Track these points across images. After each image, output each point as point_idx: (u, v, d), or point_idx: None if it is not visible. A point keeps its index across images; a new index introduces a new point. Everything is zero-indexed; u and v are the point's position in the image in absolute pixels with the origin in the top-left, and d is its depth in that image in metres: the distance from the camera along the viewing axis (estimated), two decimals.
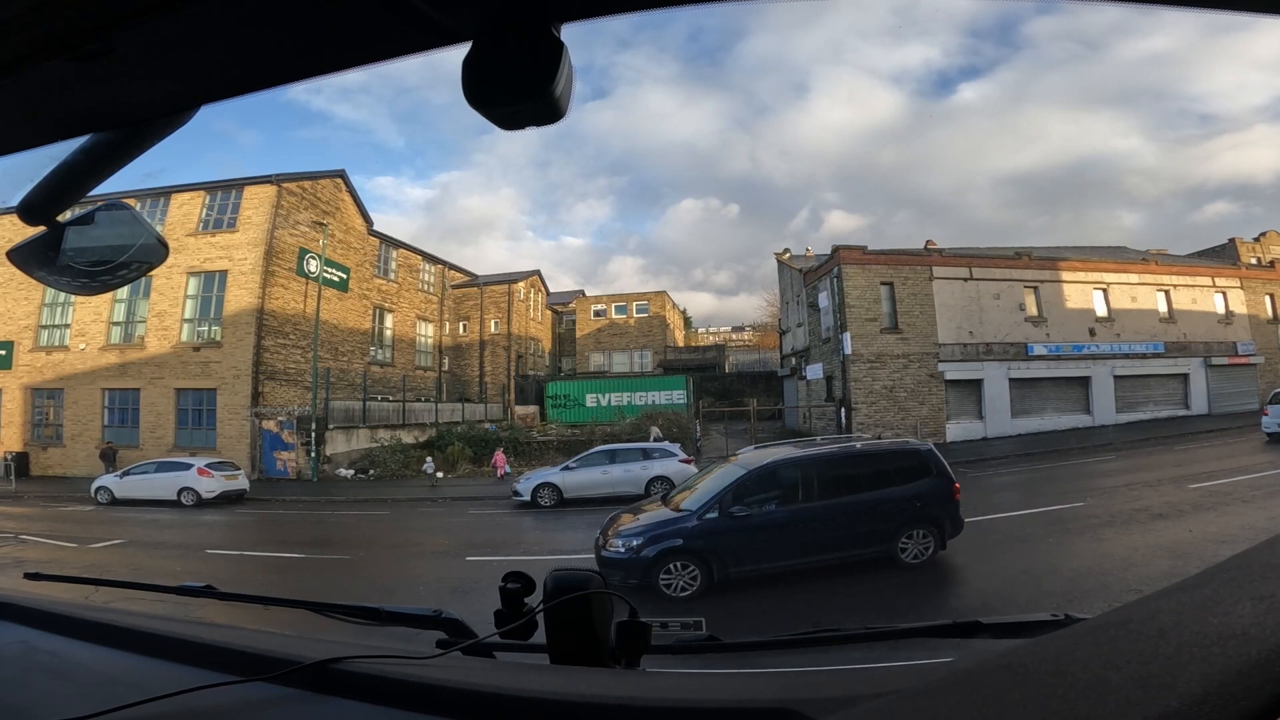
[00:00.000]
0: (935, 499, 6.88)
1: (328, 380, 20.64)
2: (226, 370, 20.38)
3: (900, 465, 7.14)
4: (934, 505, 6.87)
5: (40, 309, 22.08)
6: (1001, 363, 21.76)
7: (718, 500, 6.84)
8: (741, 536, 6.66)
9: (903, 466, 7.10)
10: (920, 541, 6.84)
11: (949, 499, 6.92)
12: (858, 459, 7.34)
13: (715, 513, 6.77)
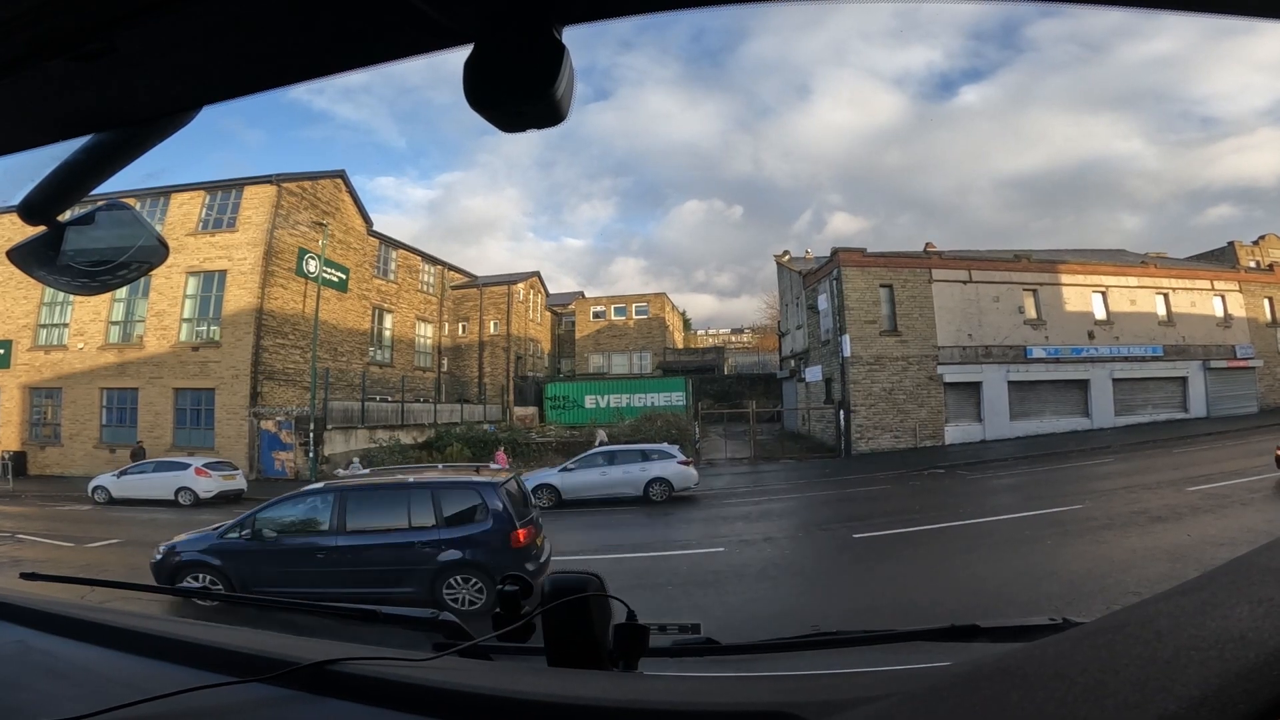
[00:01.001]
0: (483, 546, 6.17)
1: (326, 380, 20.63)
2: (225, 370, 20.36)
3: (455, 505, 6.39)
4: (481, 552, 6.15)
5: (39, 308, 22.06)
6: (1000, 365, 21.79)
7: (243, 521, 6.68)
8: (259, 559, 6.42)
9: (458, 507, 6.38)
10: (470, 589, 6.15)
11: (502, 547, 6.14)
12: (408, 492, 6.63)
13: (238, 532, 6.59)
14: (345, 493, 6.70)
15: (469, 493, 6.40)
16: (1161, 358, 23.19)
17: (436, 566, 6.16)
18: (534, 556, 6.37)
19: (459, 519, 6.31)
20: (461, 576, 6.19)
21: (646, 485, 13.39)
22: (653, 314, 39.76)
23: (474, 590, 6.15)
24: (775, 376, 32.31)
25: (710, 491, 14.57)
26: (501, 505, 6.24)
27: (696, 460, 17.58)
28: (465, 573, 6.19)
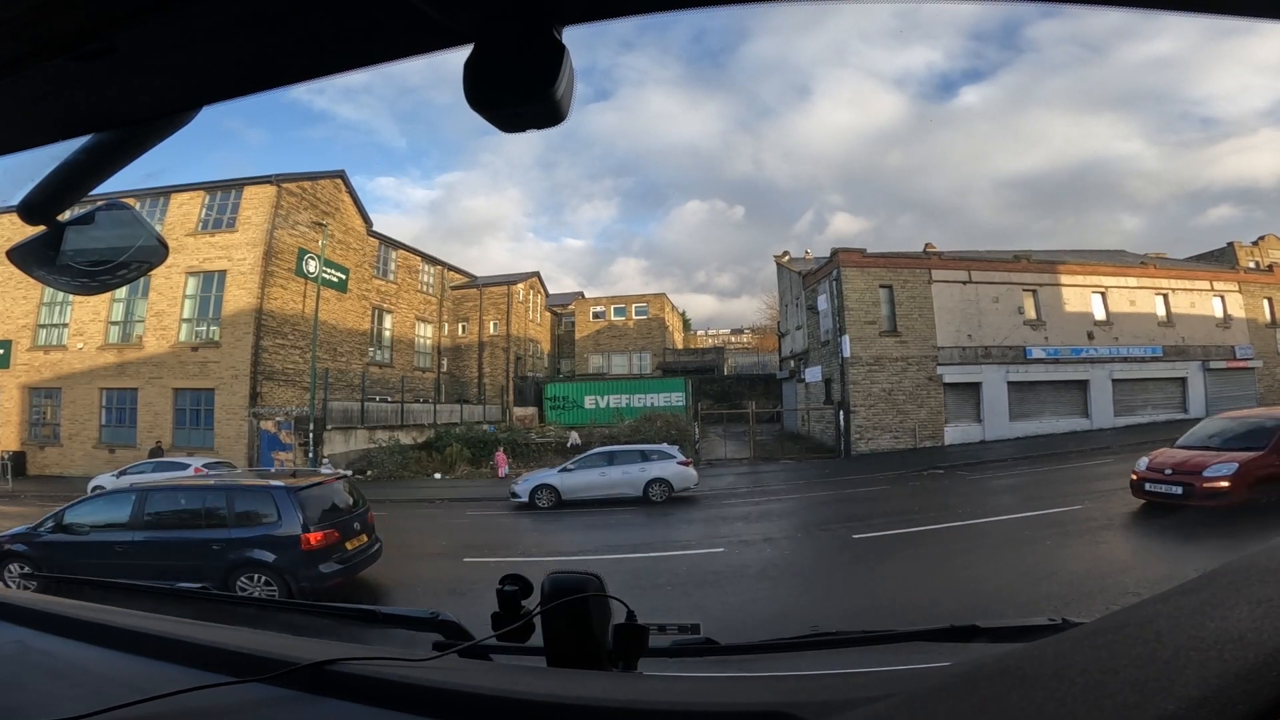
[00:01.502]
0: (272, 546, 6.49)
1: (326, 381, 20.62)
2: (225, 370, 20.36)
3: (248, 507, 6.73)
4: (270, 551, 6.48)
5: (39, 308, 22.05)
6: (1000, 366, 21.79)
7: (56, 515, 7.11)
8: (63, 550, 6.83)
9: (250, 509, 6.72)
10: (260, 586, 6.47)
11: (291, 548, 6.44)
12: (204, 493, 7.09)
13: (50, 524, 7.01)
14: (147, 492, 7.16)
15: (262, 496, 6.73)
16: (1161, 358, 23.20)
17: (228, 563, 6.48)
18: (333, 558, 6.69)
19: (251, 520, 6.67)
20: (252, 574, 6.53)
21: (646, 485, 13.39)
22: (652, 314, 39.76)
23: (265, 587, 6.52)
24: (775, 377, 32.31)
25: (710, 492, 14.57)
26: (292, 509, 6.55)
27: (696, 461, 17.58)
28: (255, 570, 6.52)
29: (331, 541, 6.68)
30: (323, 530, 6.62)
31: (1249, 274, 26.74)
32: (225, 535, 6.60)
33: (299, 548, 6.45)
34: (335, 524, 6.84)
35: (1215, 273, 25.83)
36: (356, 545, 7.07)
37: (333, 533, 6.73)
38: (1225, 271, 26.50)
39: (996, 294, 22.24)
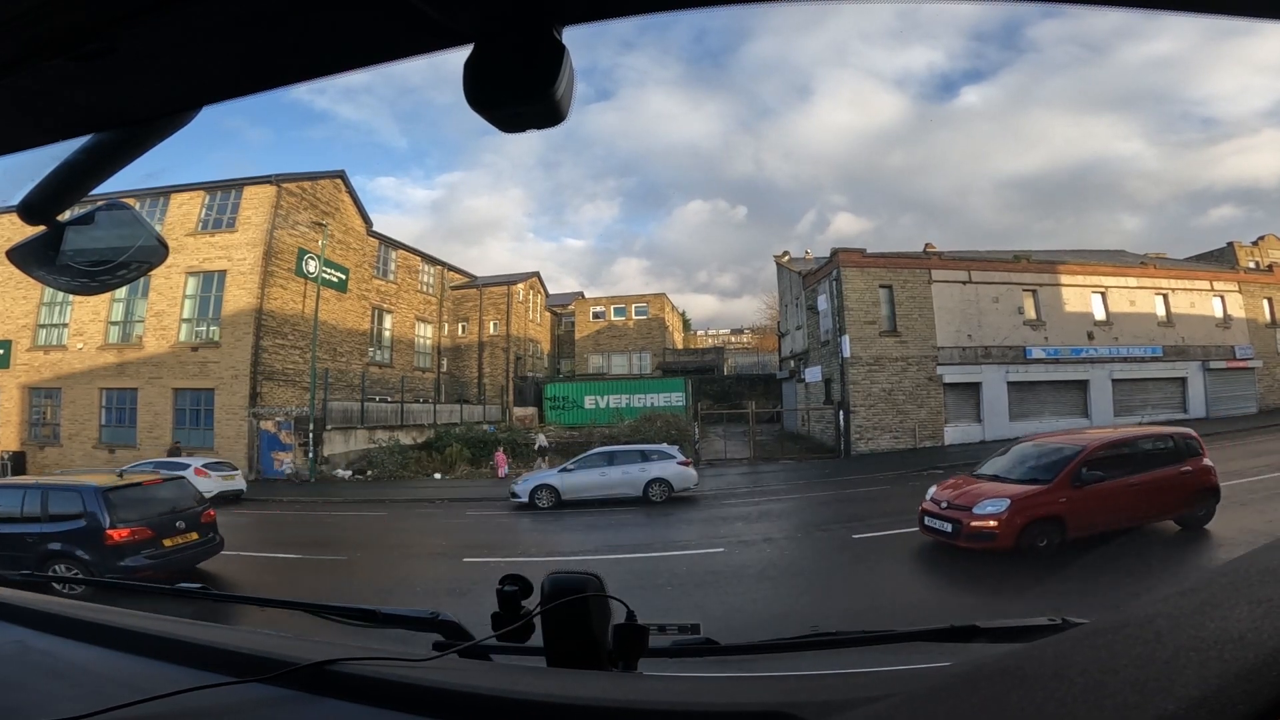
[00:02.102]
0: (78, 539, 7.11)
1: (326, 381, 20.62)
2: (225, 370, 20.35)
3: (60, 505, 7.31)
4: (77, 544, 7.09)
5: (39, 308, 22.05)
6: (1000, 366, 21.79)
7: None
8: None
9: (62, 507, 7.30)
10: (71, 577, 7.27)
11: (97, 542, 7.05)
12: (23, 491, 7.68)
13: None
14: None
15: (72, 495, 7.36)
16: (1161, 358, 23.20)
17: (41, 554, 7.10)
18: (142, 553, 7.27)
19: (62, 516, 7.30)
20: (61, 564, 7.13)
21: (646, 486, 13.39)
22: (652, 314, 39.76)
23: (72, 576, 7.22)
24: (775, 377, 32.30)
25: (710, 492, 14.57)
26: (99, 508, 7.19)
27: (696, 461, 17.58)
28: (64, 561, 7.13)
29: (141, 538, 7.30)
30: (130, 528, 7.24)
31: (1249, 274, 26.74)
32: (39, 529, 7.24)
33: (103, 543, 7.10)
34: (149, 522, 7.42)
35: (1215, 273, 25.83)
36: (177, 543, 7.68)
37: (143, 530, 7.33)
38: (1225, 271, 26.50)
39: (996, 294, 22.24)
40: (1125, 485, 7.37)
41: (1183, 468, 7.68)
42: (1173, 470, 7.64)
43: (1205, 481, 7.73)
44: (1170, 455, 7.83)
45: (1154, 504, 7.46)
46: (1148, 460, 7.81)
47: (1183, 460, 7.75)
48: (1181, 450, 7.90)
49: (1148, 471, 7.60)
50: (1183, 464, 7.70)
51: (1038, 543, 7.02)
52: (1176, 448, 7.95)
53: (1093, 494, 7.23)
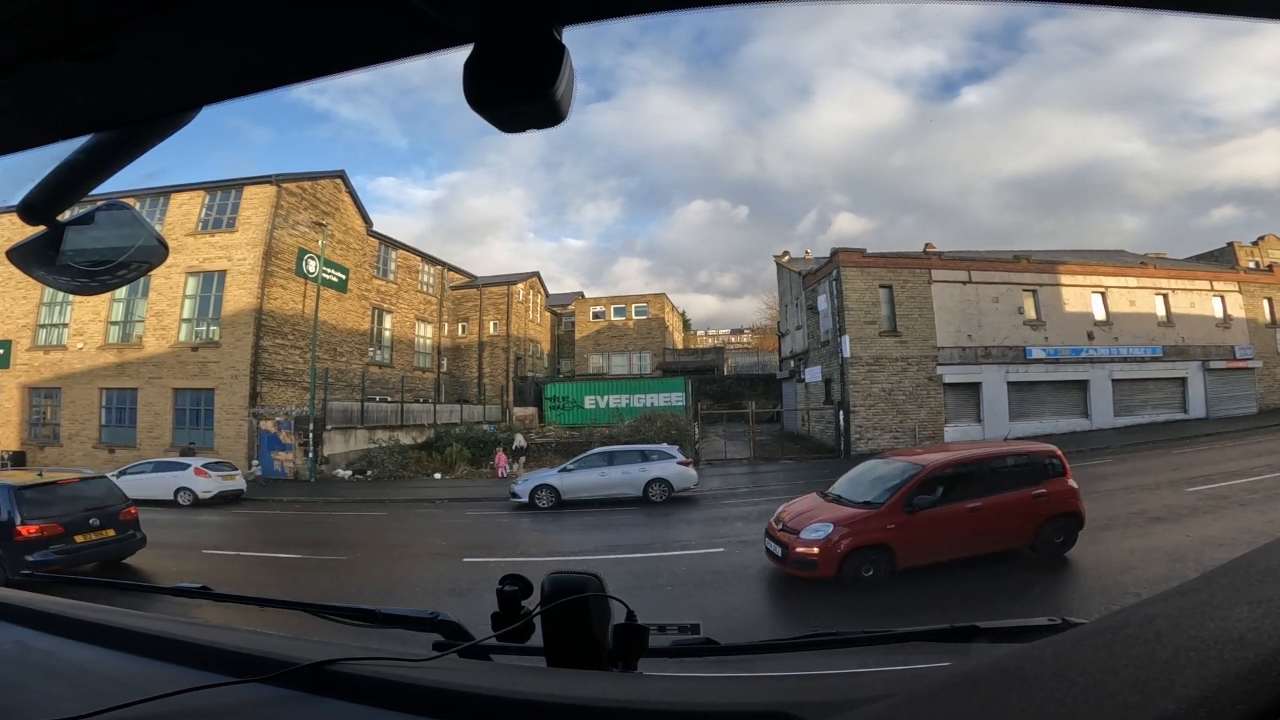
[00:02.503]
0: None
1: (326, 381, 20.62)
2: (225, 370, 20.35)
3: None
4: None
5: (38, 308, 22.05)
6: (1000, 366, 21.79)
7: None
8: None
9: None
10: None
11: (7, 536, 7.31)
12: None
13: None
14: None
15: None
16: (1161, 358, 23.20)
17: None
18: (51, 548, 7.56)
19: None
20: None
21: (646, 486, 13.39)
22: (652, 314, 39.76)
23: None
24: (775, 377, 32.30)
25: (710, 492, 14.57)
26: (8, 504, 7.56)
27: (696, 461, 17.58)
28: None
29: (51, 534, 7.64)
30: (40, 524, 7.58)
31: (1249, 274, 26.74)
32: None
33: (12, 538, 7.40)
34: (61, 519, 7.79)
35: (1215, 273, 25.83)
36: (90, 539, 8.08)
37: (53, 526, 7.68)
38: (1225, 271, 26.50)
39: (996, 294, 22.24)
40: (964, 510, 6.76)
41: (1036, 490, 7.00)
42: (1025, 494, 6.96)
43: (1064, 506, 7.03)
44: (1024, 476, 7.19)
45: (999, 531, 6.79)
46: (996, 482, 7.14)
47: (1039, 482, 7.09)
48: (1038, 471, 7.24)
49: (995, 495, 6.94)
50: (1038, 486, 7.04)
51: (863, 572, 6.43)
52: (1033, 468, 7.30)
53: (925, 520, 6.66)
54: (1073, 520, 7.04)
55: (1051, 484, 7.11)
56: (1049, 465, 7.36)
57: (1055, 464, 7.35)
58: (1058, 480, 7.18)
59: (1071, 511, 7.04)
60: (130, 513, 8.62)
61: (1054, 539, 6.97)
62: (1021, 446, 8.27)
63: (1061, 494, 7.08)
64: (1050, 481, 7.13)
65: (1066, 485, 7.17)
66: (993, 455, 7.75)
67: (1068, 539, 7.00)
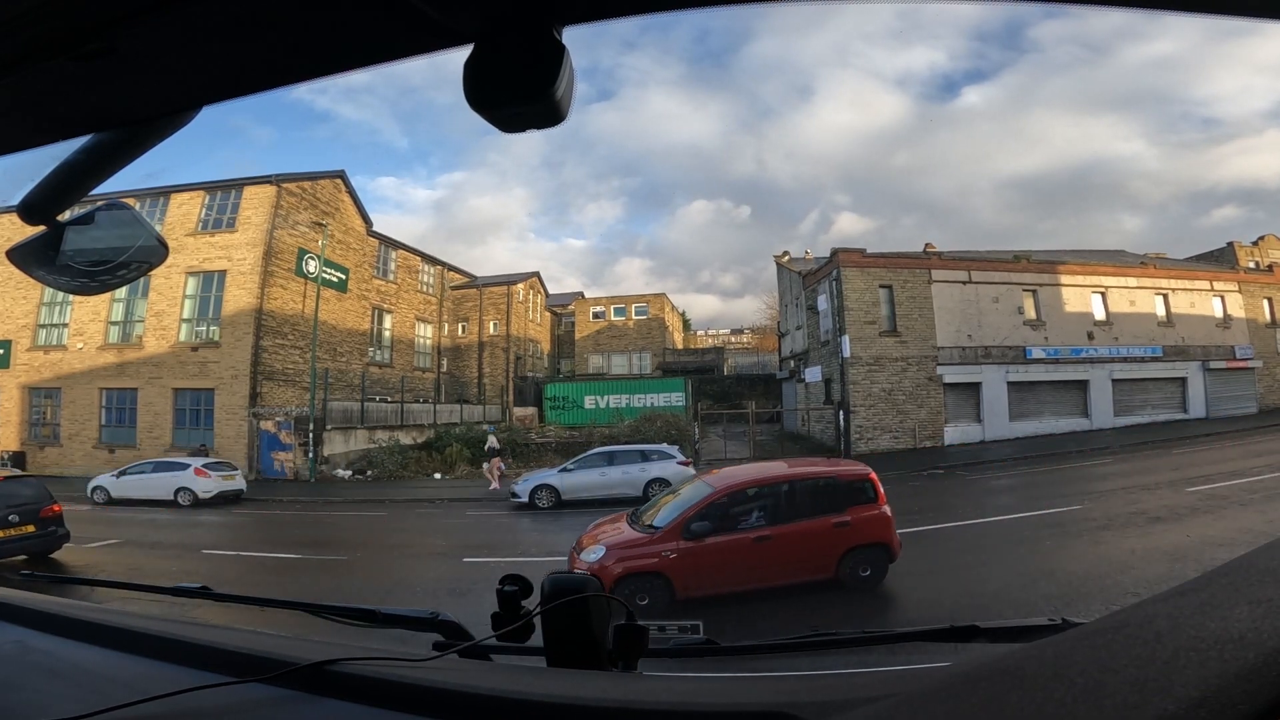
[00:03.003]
0: None
1: (326, 381, 20.62)
2: (225, 370, 20.35)
3: None
4: None
5: (38, 308, 22.05)
6: (1000, 366, 21.79)
7: None
8: None
9: None
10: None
11: None
12: None
13: None
14: None
15: None
16: (1161, 358, 23.21)
17: None
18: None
19: None
20: None
21: (646, 486, 13.38)
22: (652, 314, 39.76)
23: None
24: (775, 377, 32.30)
25: None
26: None
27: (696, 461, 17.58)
28: None
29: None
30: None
31: (1249, 274, 26.74)
32: None
33: None
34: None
35: (1215, 273, 25.84)
36: (10, 534, 8.62)
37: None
38: (1225, 271, 26.50)
39: (996, 294, 22.25)
40: (748, 540, 6.27)
41: (838, 519, 6.38)
42: (824, 522, 6.36)
43: (870, 536, 6.37)
44: (827, 502, 6.56)
45: (792, 562, 6.19)
46: (793, 508, 6.54)
47: (843, 509, 6.45)
48: (844, 496, 6.58)
49: (790, 522, 6.39)
50: (842, 514, 6.41)
51: (638, 601, 5.91)
52: (838, 492, 6.65)
53: (707, 548, 6.20)
54: (881, 552, 6.38)
55: (858, 511, 6.46)
56: (858, 490, 6.64)
57: (867, 489, 6.63)
58: (866, 507, 6.50)
59: (879, 542, 6.38)
60: (53, 510, 9.17)
61: (859, 572, 6.32)
62: (829, 469, 7.43)
63: (869, 522, 6.42)
64: (857, 509, 6.48)
65: (877, 513, 6.48)
66: (794, 477, 7.03)
67: (875, 572, 6.36)
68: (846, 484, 6.71)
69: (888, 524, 6.45)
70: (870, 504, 6.52)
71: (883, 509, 6.52)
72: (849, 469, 7.12)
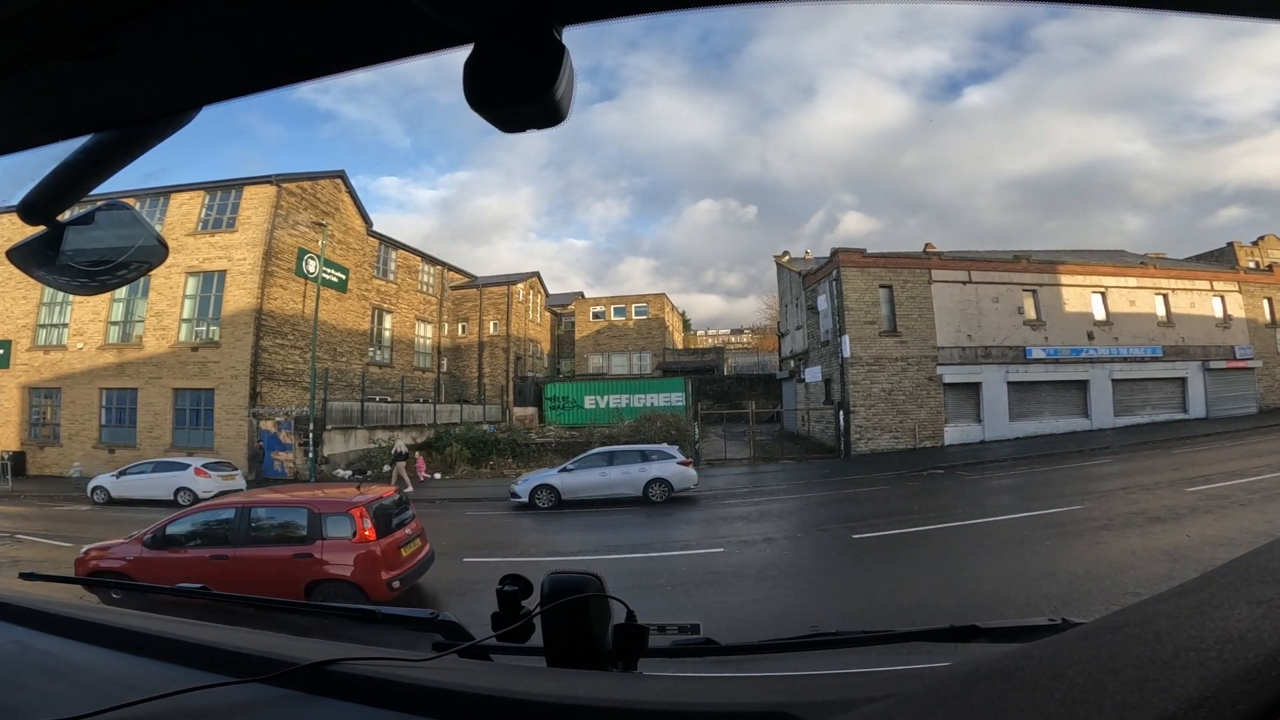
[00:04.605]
0: None
1: (326, 381, 20.62)
2: (225, 370, 20.35)
3: None
4: None
5: (38, 308, 22.05)
6: (1000, 366, 21.79)
7: None
8: None
9: None
10: None
11: None
12: None
13: None
14: None
15: None
16: (1161, 358, 23.21)
17: None
18: None
19: None
20: None
21: (646, 486, 13.39)
22: (652, 314, 39.76)
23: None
24: (775, 377, 32.31)
25: (709, 492, 14.57)
26: None
27: (696, 461, 17.58)
28: None
29: None
30: None
31: (1249, 274, 26.74)
32: None
33: None
34: None
35: (1215, 273, 25.83)
36: None
37: None
38: (1225, 271, 26.49)
39: (996, 294, 22.25)
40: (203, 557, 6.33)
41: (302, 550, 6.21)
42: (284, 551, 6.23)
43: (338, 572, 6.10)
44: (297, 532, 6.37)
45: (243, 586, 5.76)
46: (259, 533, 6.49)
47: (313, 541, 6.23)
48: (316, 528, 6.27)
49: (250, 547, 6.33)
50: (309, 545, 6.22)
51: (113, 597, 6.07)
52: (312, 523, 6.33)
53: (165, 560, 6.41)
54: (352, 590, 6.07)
55: (328, 546, 6.21)
56: (335, 524, 6.32)
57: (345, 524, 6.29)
58: (339, 542, 6.22)
59: (345, 580, 6.10)
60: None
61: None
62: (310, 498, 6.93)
63: (338, 558, 6.16)
64: (328, 543, 6.22)
65: (351, 550, 6.19)
66: (269, 503, 6.88)
67: None
68: (323, 516, 6.36)
69: (363, 561, 6.13)
70: (343, 540, 6.23)
71: (365, 547, 6.17)
72: (335, 501, 6.64)
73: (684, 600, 6.54)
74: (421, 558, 6.91)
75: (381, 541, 6.29)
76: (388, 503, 6.77)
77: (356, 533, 6.22)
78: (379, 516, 6.42)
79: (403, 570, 6.41)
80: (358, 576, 6.08)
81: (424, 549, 7.06)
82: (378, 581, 6.08)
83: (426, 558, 7.06)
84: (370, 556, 6.15)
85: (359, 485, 8.06)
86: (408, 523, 6.96)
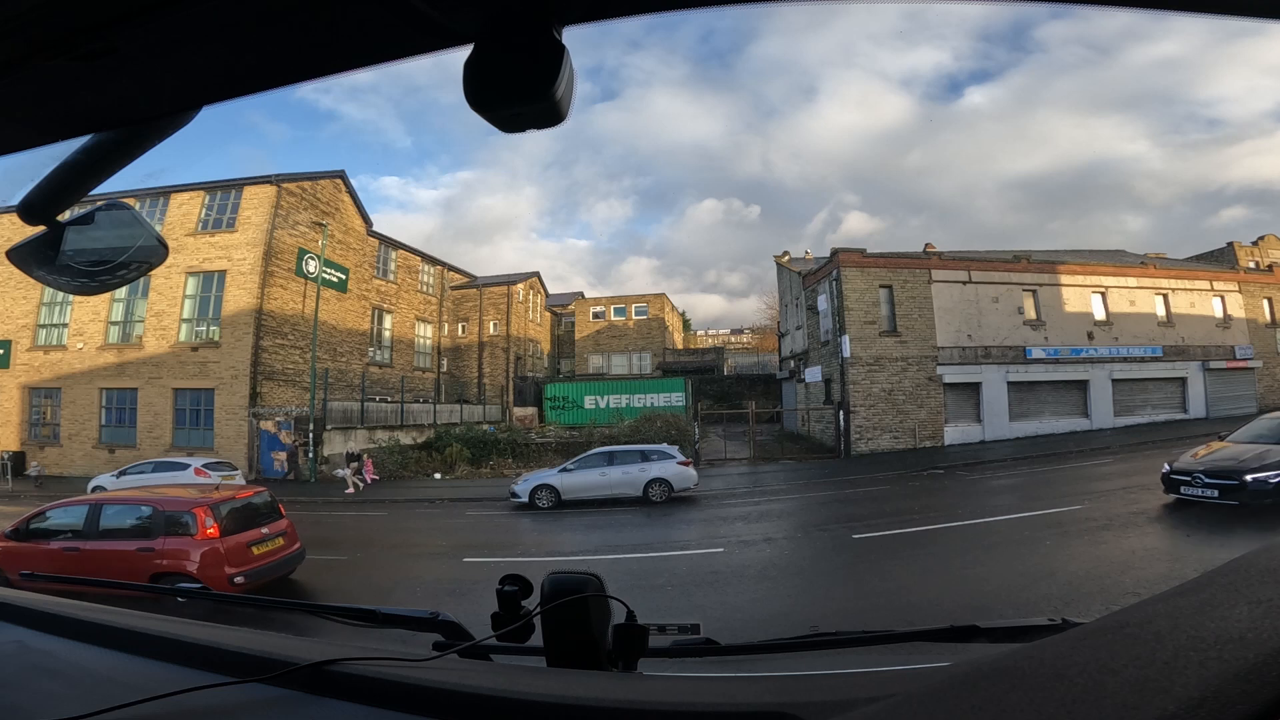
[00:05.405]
0: None
1: (326, 381, 20.62)
2: (225, 370, 20.36)
3: None
4: None
5: (39, 308, 22.06)
6: (1000, 366, 21.79)
7: None
8: None
9: None
10: None
11: None
12: None
13: None
14: None
15: None
16: (1161, 358, 23.21)
17: None
18: None
19: None
20: None
21: (646, 486, 13.39)
22: (652, 314, 39.76)
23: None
24: (775, 377, 32.31)
25: (709, 492, 14.57)
26: None
27: (696, 461, 17.58)
28: None
29: None
30: None
31: (1249, 274, 26.73)
32: None
33: None
34: None
35: (1215, 273, 25.83)
36: None
37: None
38: (1225, 271, 26.49)
39: (996, 294, 22.25)
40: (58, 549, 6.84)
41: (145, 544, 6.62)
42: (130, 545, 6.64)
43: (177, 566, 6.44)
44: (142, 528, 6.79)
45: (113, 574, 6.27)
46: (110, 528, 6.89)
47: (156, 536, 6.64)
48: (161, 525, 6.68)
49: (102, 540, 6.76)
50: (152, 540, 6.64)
51: None
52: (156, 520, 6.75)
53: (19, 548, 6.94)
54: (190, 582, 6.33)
55: (170, 541, 6.61)
56: (175, 522, 6.70)
57: (187, 522, 6.67)
58: (181, 539, 6.61)
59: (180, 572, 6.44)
60: None
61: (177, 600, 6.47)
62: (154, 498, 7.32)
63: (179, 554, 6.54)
64: (170, 539, 6.62)
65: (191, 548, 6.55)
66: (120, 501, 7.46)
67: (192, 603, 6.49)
68: (166, 515, 6.77)
69: (205, 557, 6.47)
70: (185, 537, 6.61)
71: (208, 544, 6.54)
72: (179, 500, 7.05)
73: (684, 600, 6.55)
74: (280, 557, 7.25)
75: (226, 540, 6.67)
76: (239, 504, 7.16)
77: (199, 530, 6.61)
78: (227, 516, 6.83)
79: (250, 567, 6.75)
80: (199, 571, 6.44)
81: (287, 548, 7.40)
82: (219, 576, 6.44)
83: (288, 556, 7.38)
84: (213, 553, 6.54)
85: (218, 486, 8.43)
86: (268, 523, 7.30)
